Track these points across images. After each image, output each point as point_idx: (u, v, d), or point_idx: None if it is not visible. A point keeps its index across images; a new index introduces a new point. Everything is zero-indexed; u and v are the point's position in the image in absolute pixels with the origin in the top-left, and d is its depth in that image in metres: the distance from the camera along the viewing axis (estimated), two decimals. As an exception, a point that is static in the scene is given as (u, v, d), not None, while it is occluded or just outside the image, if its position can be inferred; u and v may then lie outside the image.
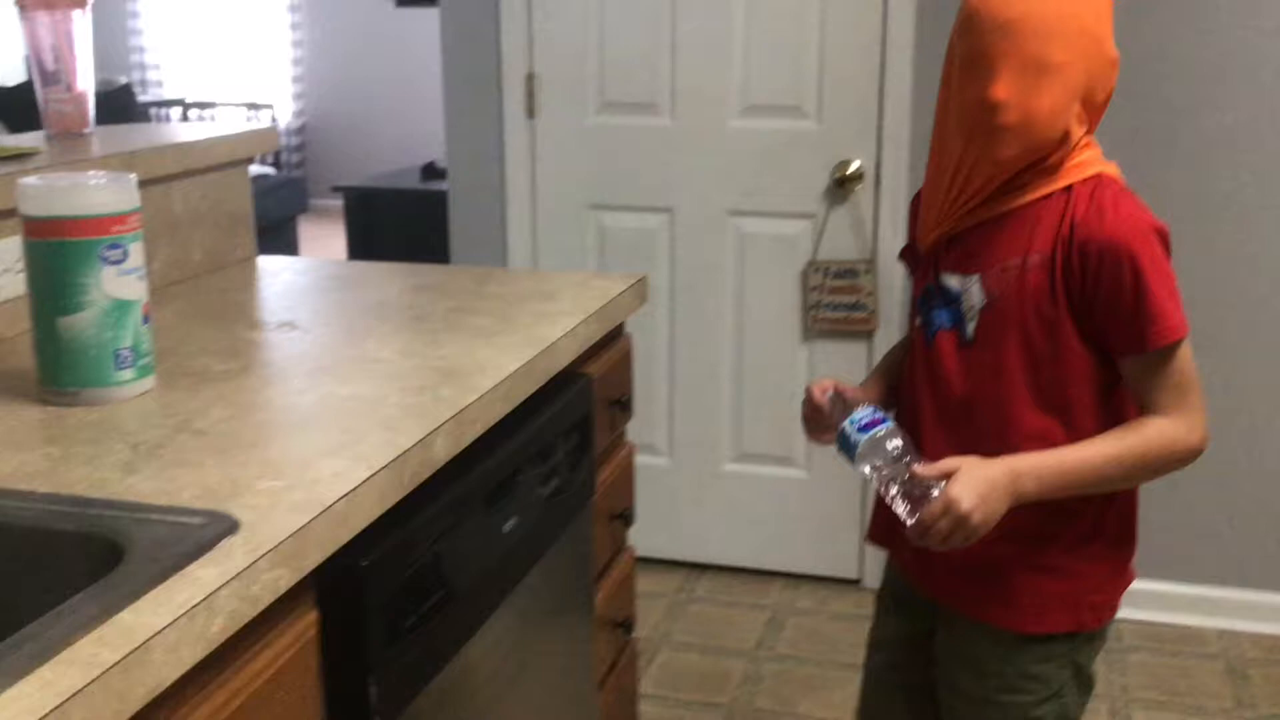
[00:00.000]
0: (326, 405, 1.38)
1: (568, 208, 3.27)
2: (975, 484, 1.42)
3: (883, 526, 1.73)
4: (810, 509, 3.26)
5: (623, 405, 1.96)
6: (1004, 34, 1.44)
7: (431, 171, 5.75)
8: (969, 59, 1.48)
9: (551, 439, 1.61)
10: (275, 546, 1.00)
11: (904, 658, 1.79)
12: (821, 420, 1.61)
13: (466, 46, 3.25)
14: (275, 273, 2.12)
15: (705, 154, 3.15)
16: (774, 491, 3.29)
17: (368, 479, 1.14)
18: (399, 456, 1.20)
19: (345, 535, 1.11)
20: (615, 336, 1.96)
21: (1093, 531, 1.61)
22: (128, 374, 1.37)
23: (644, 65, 3.14)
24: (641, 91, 3.16)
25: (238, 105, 8.85)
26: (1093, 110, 1.52)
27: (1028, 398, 1.54)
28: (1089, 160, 1.53)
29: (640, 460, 2.14)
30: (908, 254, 1.76)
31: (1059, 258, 1.49)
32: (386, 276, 2.05)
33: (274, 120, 8.84)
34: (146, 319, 1.40)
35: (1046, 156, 1.50)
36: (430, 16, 3.52)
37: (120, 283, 1.36)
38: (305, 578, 1.06)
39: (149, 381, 1.41)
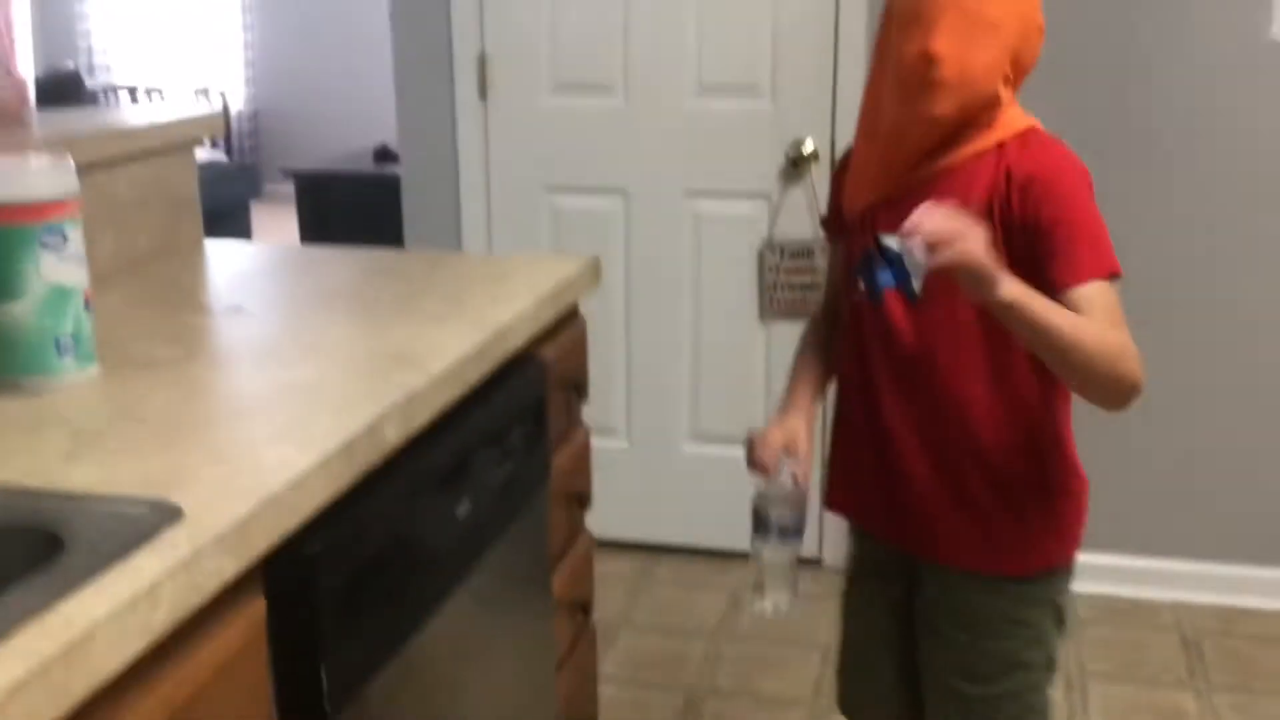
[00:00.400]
0: (274, 390, 1.36)
1: (522, 190, 3.25)
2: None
3: (842, 489, 1.76)
4: (769, 489, 3.26)
5: (578, 388, 1.95)
6: None
7: (384, 154, 5.71)
8: (909, 15, 1.51)
9: (505, 422, 1.60)
10: (220, 534, 0.98)
11: (883, 620, 1.81)
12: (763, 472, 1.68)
13: (417, 28, 3.21)
14: (224, 258, 2.09)
15: (660, 134, 3.14)
16: (732, 471, 3.26)
17: (316, 464, 1.13)
18: (348, 441, 1.19)
19: (293, 522, 1.09)
20: (570, 319, 1.94)
21: (1057, 472, 1.65)
22: (69, 361, 1.35)
23: (597, 45, 3.12)
24: (595, 72, 3.14)
25: (188, 90, 8.73)
26: (1019, 73, 1.55)
27: (979, 353, 1.57)
28: (1016, 116, 1.57)
29: (598, 442, 2.13)
30: (831, 223, 1.77)
31: (997, 204, 1.52)
32: (337, 261, 2.03)
33: (225, 105, 8.74)
34: (88, 305, 1.38)
35: (977, 115, 1.53)
36: (381, -2, 3.49)
37: (60, 269, 1.33)
38: (252, 566, 1.04)
39: (91, 369, 1.38)
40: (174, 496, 1.04)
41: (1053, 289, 1.49)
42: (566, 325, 1.92)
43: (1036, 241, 1.50)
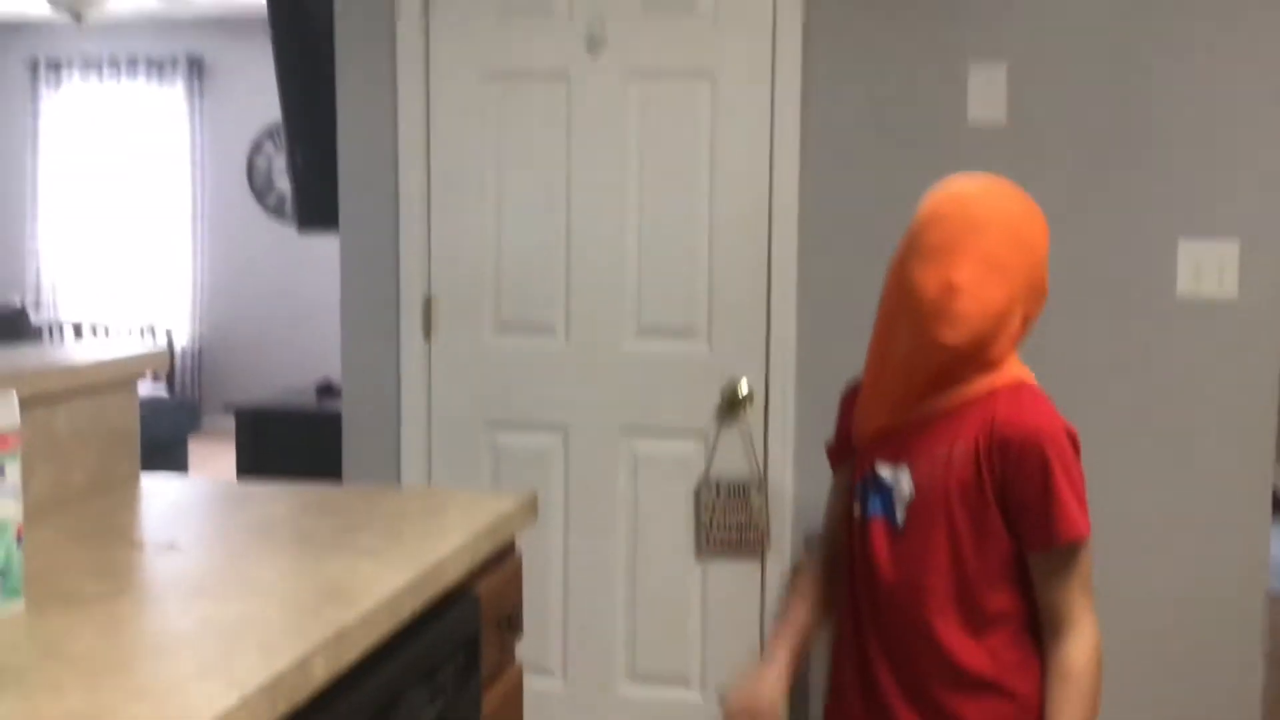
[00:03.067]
0: (203, 627, 1.35)
1: (463, 427, 3.28)
2: None
3: (834, 712, 1.80)
4: (707, 732, 3.20)
5: (512, 624, 1.94)
6: (972, 229, 1.59)
7: (327, 390, 5.74)
8: (935, 248, 1.61)
9: (437, 659, 1.58)
10: (138, 775, 0.96)
11: None
12: None
13: (366, 270, 3.31)
14: (159, 493, 2.09)
15: (599, 374, 3.21)
16: (668, 713, 3.23)
17: (239, 703, 1.11)
18: (274, 679, 1.18)
19: (214, 762, 1.07)
20: (506, 554, 1.95)
21: (1031, 702, 1.66)
22: (-5, 596, 1.33)
23: (540, 288, 3.23)
24: (537, 313, 3.24)
25: (133, 328, 8.81)
26: (1023, 326, 1.65)
27: (950, 588, 1.61)
28: (1014, 367, 1.66)
29: (532, 680, 2.10)
30: (836, 450, 1.82)
31: (982, 449, 1.60)
32: (274, 495, 2.03)
33: (170, 341, 8.81)
34: (19, 540, 1.37)
35: (981, 357, 1.61)
36: (329, 240, 3.60)
37: (-6, 502, 1.33)
38: (170, 809, 1.02)
39: (17, 604, 1.36)
40: (93, 735, 1.02)
41: (1025, 548, 1.60)
42: (502, 560, 1.92)
43: (1009, 499, 1.59)
